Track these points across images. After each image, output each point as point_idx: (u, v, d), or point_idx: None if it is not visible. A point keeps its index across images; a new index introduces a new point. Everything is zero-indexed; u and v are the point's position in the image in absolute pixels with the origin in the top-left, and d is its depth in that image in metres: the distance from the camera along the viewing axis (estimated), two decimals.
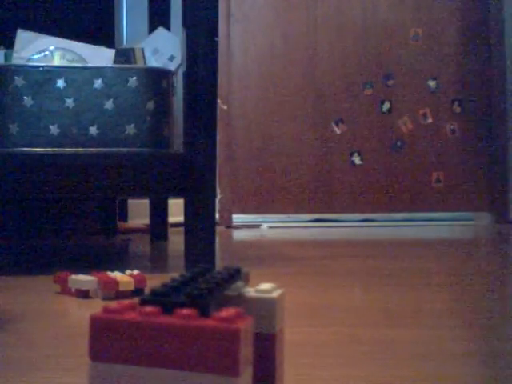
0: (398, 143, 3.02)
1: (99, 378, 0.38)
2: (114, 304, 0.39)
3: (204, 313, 0.38)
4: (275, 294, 0.45)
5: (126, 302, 0.40)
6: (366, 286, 1.08)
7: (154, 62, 1.55)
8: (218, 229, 2.74)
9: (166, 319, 0.37)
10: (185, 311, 0.37)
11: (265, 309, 0.44)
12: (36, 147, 1.27)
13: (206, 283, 0.42)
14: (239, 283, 0.46)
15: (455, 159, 3.04)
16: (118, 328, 0.38)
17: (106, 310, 0.39)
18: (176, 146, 1.45)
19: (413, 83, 3.03)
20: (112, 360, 0.38)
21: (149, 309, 0.38)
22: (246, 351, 0.38)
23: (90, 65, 1.33)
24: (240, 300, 0.45)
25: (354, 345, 0.68)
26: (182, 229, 2.44)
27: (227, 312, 0.38)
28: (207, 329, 0.36)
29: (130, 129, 1.29)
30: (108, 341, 0.38)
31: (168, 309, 0.39)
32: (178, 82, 1.69)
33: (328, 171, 3.00)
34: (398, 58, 3.03)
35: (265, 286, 0.46)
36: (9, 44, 1.57)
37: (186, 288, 0.42)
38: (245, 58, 3.01)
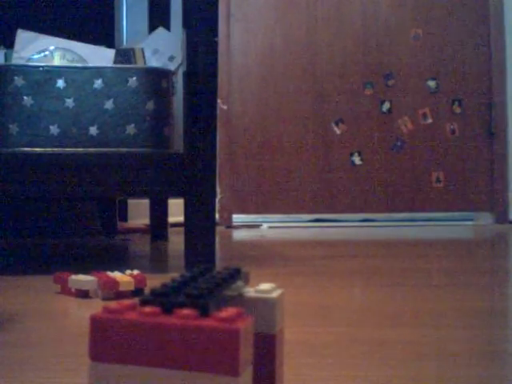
0: (398, 143, 3.02)
1: (99, 378, 0.38)
2: (113, 304, 0.39)
3: (204, 313, 0.38)
4: (275, 294, 0.45)
5: (126, 302, 0.40)
6: (365, 285, 1.08)
7: (154, 62, 1.55)
8: (218, 229, 2.74)
9: (166, 319, 0.37)
10: (185, 311, 0.37)
11: (265, 309, 0.44)
12: (36, 147, 1.27)
13: (205, 283, 0.42)
14: (239, 283, 0.46)
15: (455, 159, 3.03)
16: (118, 328, 0.38)
17: (106, 310, 0.39)
18: (176, 146, 1.45)
19: (413, 83, 3.03)
20: (112, 360, 0.38)
21: (149, 309, 0.38)
22: (246, 351, 0.38)
23: (90, 65, 1.33)
24: (240, 300, 0.45)
25: (354, 345, 0.68)
26: (182, 229, 2.44)
27: (227, 312, 0.38)
28: (207, 329, 0.36)
29: (130, 129, 1.29)
30: (108, 341, 0.38)
31: (168, 309, 0.39)
32: (178, 82, 1.69)
33: (328, 171, 3.00)
34: (398, 58, 3.03)
35: (265, 286, 0.46)
36: (9, 44, 1.57)
37: (186, 288, 0.42)
38: (245, 58, 3.01)
